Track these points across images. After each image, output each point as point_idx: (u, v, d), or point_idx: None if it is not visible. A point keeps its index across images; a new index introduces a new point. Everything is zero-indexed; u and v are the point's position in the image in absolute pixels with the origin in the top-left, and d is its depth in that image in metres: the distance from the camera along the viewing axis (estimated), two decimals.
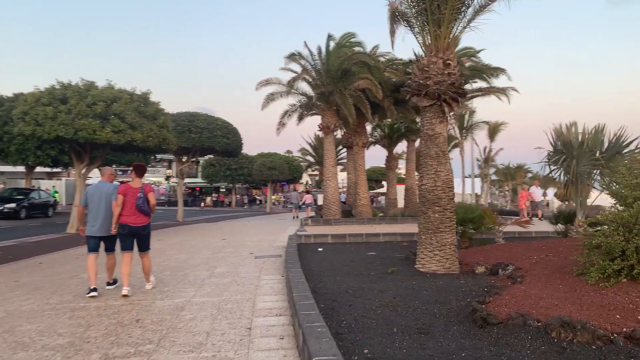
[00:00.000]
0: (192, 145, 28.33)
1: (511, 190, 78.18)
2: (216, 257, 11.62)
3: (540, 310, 5.21)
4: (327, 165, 22.76)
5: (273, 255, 11.77)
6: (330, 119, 22.44)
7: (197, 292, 7.65)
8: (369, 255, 11.04)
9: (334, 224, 21.13)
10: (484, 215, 11.38)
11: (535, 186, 23.07)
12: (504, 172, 75.73)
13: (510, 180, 77.37)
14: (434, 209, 8.18)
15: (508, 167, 75.46)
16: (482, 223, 11.30)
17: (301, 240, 13.45)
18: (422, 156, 8.54)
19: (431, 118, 8.24)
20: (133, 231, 7.47)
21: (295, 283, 6.47)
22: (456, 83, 8.11)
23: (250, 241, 15.34)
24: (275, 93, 22.60)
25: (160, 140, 19.41)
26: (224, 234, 18.10)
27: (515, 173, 77.77)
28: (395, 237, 14.00)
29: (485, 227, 11.28)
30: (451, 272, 8.15)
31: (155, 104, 19.81)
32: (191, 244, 14.64)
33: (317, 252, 11.86)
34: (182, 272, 9.58)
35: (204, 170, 56.77)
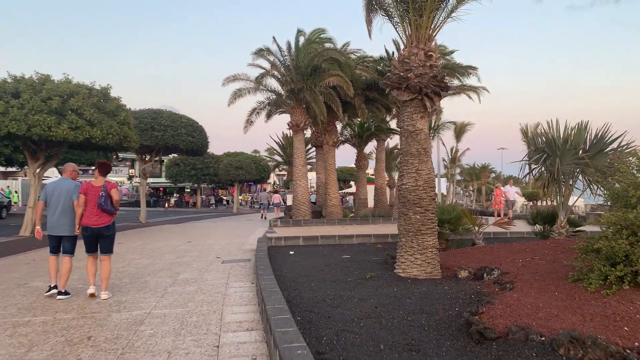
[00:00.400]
0: (155, 143, 27.31)
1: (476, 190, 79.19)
2: (180, 262, 10.88)
3: (541, 322, 4.72)
4: (297, 164, 22.15)
5: (241, 259, 11.10)
6: (300, 116, 21.83)
7: (158, 302, 6.94)
8: (343, 258, 10.48)
9: (304, 225, 20.54)
10: (462, 216, 10.96)
11: (509, 185, 22.91)
12: (469, 172, 76.60)
13: (475, 180, 78.33)
14: (415, 210, 7.66)
15: (473, 167, 76.30)
16: (459, 224, 10.88)
17: (271, 243, 12.81)
18: (402, 154, 8.03)
19: (412, 113, 7.73)
20: (95, 233, 7.07)
21: (268, 293, 5.84)
22: (438, 76, 7.62)
23: (216, 244, 14.60)
24: (242, 89, 21.86)
25: (121, 137, 18.44)
26: (189, 237, 17.29)
27: (480, 173, 78.80)
28: (369, 239, 13.49)
29: (462, 228, 10.86)
30: (433, 277, 7.65)
31: (115, 99, 18.83)
32: (154, 248, 13.83)
33: (288, 255, 11.24)
34: (143, 279, 8.83)
35: (168, 170, 55.30)
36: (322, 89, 20.76)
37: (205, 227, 22.60)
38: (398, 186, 8.01)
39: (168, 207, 54.58)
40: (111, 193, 7.11)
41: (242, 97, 21.94)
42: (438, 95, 7.67)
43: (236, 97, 21.91)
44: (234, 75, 21.90)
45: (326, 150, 24.03)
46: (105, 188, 7.06)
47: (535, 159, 9.60)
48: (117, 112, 18.64)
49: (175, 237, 17.21)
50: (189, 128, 28.76)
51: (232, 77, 21.89)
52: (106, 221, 7.08)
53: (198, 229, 21.74)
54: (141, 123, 26.93)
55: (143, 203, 29.18)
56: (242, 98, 21.93)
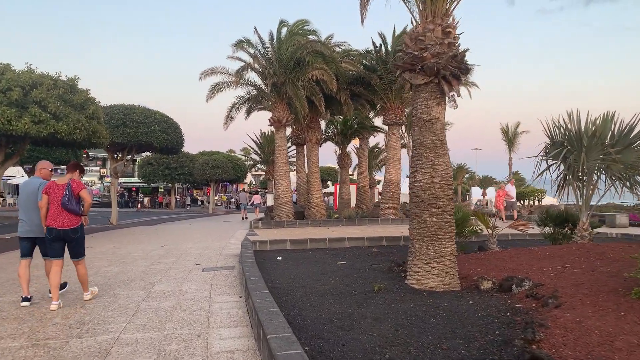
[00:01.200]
0: (127, 141, 25.88)
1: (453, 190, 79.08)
2: (155, 270, 9.64)
3: (623, 356, 3.69)
4: (279, 162, 20.97)
5: (224, 267, 9.91)
6: (282, 112, 20.66)
7: (129, 323, 5.75)
8: (339, 265, 9.38)
9: (287, 226, 19.39)
10: (468, 218, 9.97)
11: (511, 184, 21.92)
12: None
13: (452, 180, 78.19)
14: (430, 211, 6.60)
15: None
16: (465, 226, 9.88)
17: (256, 248, 11.63)
18: (415, 146, 6.96)
19: (427, 99, 6.67)
20: (61, 235, 6.47)
21: (266, 315, 4.71)
22: (458, 56, 6.57)
23: (195, 248, 13.37)
24: (221, 83, 20.57)
25: (89, 133, 17.06)
26: (164, 240, 15.99)
27: (457, 173, 78.69)
28: (362, 242, 12.41)
29: (470, 231, 9.85)
30: (451, 288, 6.60)
31: (84, 91, 17.43)
32: (125, 253, 12.53)
33: (276, 262, 10.09)
34: (112, 291, 7.60)
35: (140, 170, 53.47)
36: (305, 83, 19.65)
37: (181, 230, 21.26)
38: (411, 184, 6.94)
39: (140, 208, 52.74)
40: (81, 194, 6.58)
41: (222, 92, 20.66)
42: (457, 78, 6.63)
43: (215, 92, 20.63)
44: (212, 69, 20.61)
45: (309, 148, 22.91)
46: (70, 186, 6.48)
47: (554, 154, 8.65)
48: (85, 105, 17.27)
49: (148, 241, 15.90)
50: (164, 125, 27.41)
51: (210, 70, 20.60)
52: (73, 223, 6.52)
53: (173, 231, 20.40)
54: (112, 119, 25.51)
55: (114, 204, 27.69)
56: (221, 92, 20.67)
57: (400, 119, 21.02)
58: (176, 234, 18.73)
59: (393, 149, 21.42)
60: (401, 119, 21.07)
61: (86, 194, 6.67)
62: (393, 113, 20.87)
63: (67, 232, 6.49)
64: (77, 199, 6.55)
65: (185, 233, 19.00)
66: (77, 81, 17.25)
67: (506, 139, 45.10)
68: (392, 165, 21.35)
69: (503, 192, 21.94)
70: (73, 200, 6.46)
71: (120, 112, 26.21)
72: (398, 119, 20.94)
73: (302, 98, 19.22)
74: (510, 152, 45.11)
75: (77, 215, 6.56)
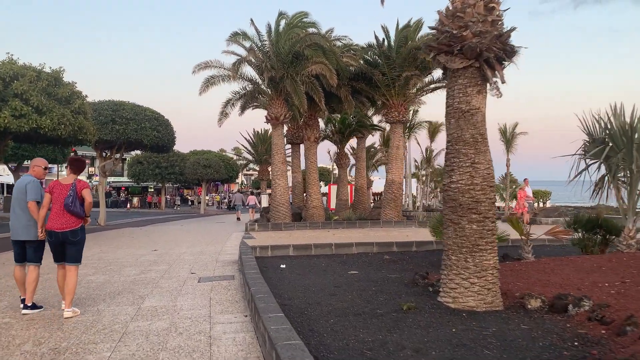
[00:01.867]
0: (116, 138, 24.73)
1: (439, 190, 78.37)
2: (145, 280, 8.62)
3: None
4: (276, 161, 19.97)
5: (222, 276, 8.90)
6: (280, 109, 19.66)
7: (115, 351, 4.75)
8: (352, 275, 8.40)
9: (284, 229, 18.41)
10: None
11: (527, 185, 20.60)
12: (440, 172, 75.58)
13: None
14: (470, 217, 5.64)
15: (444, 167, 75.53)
16: None
17: (256, 253, 10.63)
18: (451, 142, 6.00)
19: (465, 86, 5.70)
20: (60, 238, 6.11)
21: (287, 350, 3.72)
22: (503, 36, 5.62)
23: (188, 253, 12.34)
24: (216, 76, 19.51)
25: (75, 129, 15.97)
26: (155, 243, 14.94)
27: None
28: (371, 248, 11.43)
29: (499, 238, 8.89)
30: (494, 308, 5.65)
31: (69, 84, 16.34)
32: (112, 258, 11.49)
33: (280, 270, 9.10)
34: (95, 307, 6.58)
35: (130, 169, 52.15)
36: (304, 78, 18.69)
37: (172, 232, 20.19)
38: (445, 185, 5.98)
39: (130, 208, 51.47)
40: (83, 194, 6.20)
41: (215, 85, 19.61)
42: (501, 61, 5.68)
43: (209, 85, 19.58)
44: (206, 62, 19.58)
45: (307, 146, 21.92)
46: (75, 187, 6.14)
47: (595, 153, 7.72)
48: (71, 99, 16.19)
49: (138, 244, 14.84)
50: (154, 122, 26.28)
51: (204, 64, 19.57)
52: (73, 225, 6.13)
53: (164, 233, 19.33)
54: (100, 115, 24.35)
55: (102, 204, 26.54)
56: (215, 87, 19.62)
57: (403, 117, 20.11)
58: (168, 236, 17.68)
59: (396, 148, 20.49)
60: (404, 116, 20.17)
61: (88, 193, 6.27)
62: (396, 110, 19.94)
63: (66, 234, 6.09)
64: (80, 200, 6.19)
65: (177, 235, 17.95)
66: (62, 73, 16.15)
67: (504, 139, 44.32)
68: (394, 165, 20.42)
69: (524, 192, 20.36)
70: (77, 202, 6.11)
71: (109, 108, 25.04)
72: (401, 116, 20.02)
73: (301, 94, 18.25)
74: (508, 152, 44.35)
75: (79, 218, 6.18)
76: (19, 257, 6.38)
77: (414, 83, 19.97)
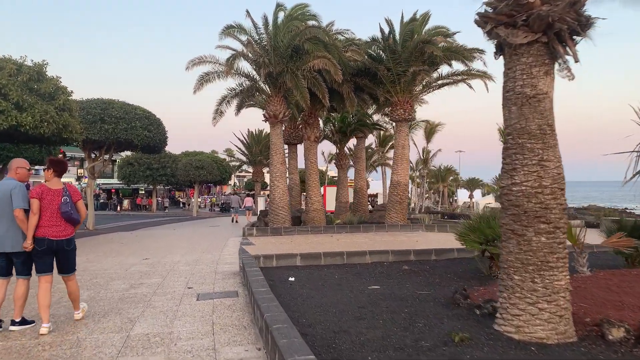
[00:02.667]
0: (105, 138, 23.49)
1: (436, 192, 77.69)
2: (135, 297, 7.50)
3: None
4: (275, 162, 18.85)
5: (225, 292, 7.79)
6: (279, 106, 18.55)
7: None
8: (374, 292, 7.32)
9: (284, 233, 17.31)
10: None
11: None
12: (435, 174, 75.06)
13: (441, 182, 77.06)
14: (538, 228, 4.56)
15: (439, 169, 75.08)
16: None
17: (260, 264, 9.52)
18: (512, 134, 4.92)
19: (530, 66, 4.63)
20: (54, 247, 5.74)
21: None
22: (578, 3, 4.57)
23: (183, 262, 11.22)
24: (210, 73, 18.40)
25: (60, 127, 14.75)
26: (146, 251, 13.79)
27: (445, 175, 77.62)
28: (386, 257, 10.34)
29: None
30: (567, 339, 4.58)
31: (53, 79, 15.13)
32: (99, 269, 10.34)
33: (289, 284, 8.01)
34: (74, 335, 5.49)
35: (120, 170, 50.77)
36: (306, 73, 17.62)
37: (165, 236, 19.02)
38: (504, 188, 4.91)
39: (120, 211, 50.12)
40: (79, 205, 5.95)
41: (211, 83, 18.51)
42: (575, 35, 4.63)
43: (203, 82, 18.45)
44: (200, 58, 18.47)
45: (307, 146, 20.83)
46: (68, 192, 5.87)
47: None
48: (55, 95, 15.00)
49: (128, 251, 13.69)
50: (145, 121, 25.03)
51: (198, 59, 18.46)
52: (69, 233, 5.86)
53: (156, 238, 18.16)
54: (89, 114, 23.13)
55: (91, 206, 25.30)
56: (210, 84, 18.51)
57: (409, 115, 19.06)
58: (160, 242, 16.52)
59: (401, 147, 19.44)
60: (410, 114, 19.11)
61: (83, 205, 6.04)
62: (401, 108, 18.91)
63: (61, 243, 5.76)
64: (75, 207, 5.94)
65: (170, 241, 16.79)
66: (45, 67, 14.95)
67: (504, 139, 43.39)
68: (400, 166, 19.37)
69: None
70: (74, 207, 5.86)
71: (98, 106, 23.81)
72: (407, 114, 18.98)
73: (303, 89, 17.16)
74: None
75: (75, 224, 5.93)
76: (5, 271, 5.74)
77: (421, 79, 18.95)
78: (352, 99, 18.79)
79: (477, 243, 7.91)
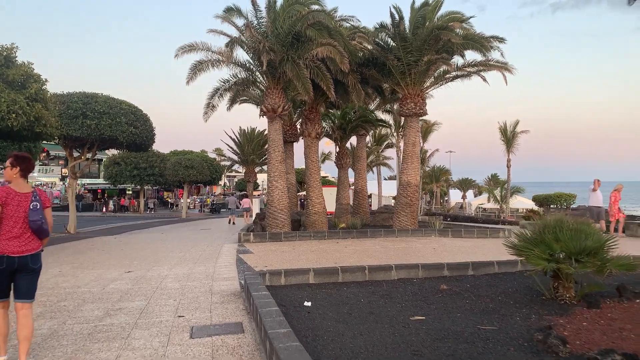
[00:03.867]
0: (87, 134, 21.72)
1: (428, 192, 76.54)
2: (110, 330, 5.80)
3: None
4: (273, 160, 17.13)
5: (225, 325, 6.07)
6: (278, 99, 16.84)
7: None
8: (420, 325, 5.65)
9: (284, 239, 15.63)
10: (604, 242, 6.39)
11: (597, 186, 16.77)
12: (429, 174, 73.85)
13: (435, 182, 75.96)
14: None
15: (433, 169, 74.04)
16: (605, 257, 6.28)
17: (266, 281, 7.81)
18: None
19: None
20: (16, 265, 4.51)
21: None
22: None
23: (172, 277, 9.50)
24: (204, 61, 16.63)
25: (31, 119, 12.95)
26: (130, 260, 12.05)
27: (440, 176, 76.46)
28: (415, 272, 8.65)
29: (618, 266, 6.22)
30: None
31: (24, 66, 13.35)
32: (70, 286, 8.61)
33: (305, 312, 6.33)
34: None
35: (107, 170, 48.79)
36: (309, 62, 15.95)
37: (152, 242, 17.23)
38: None
39: (105, 212, 48.14)
40: (47, 213, 4.78)
41: (205, 72, 16.72)
42: None
43: (197, 71, 16.66)
44: (191, 45, 16.71)
45: (307, 143, 19.13)
46: (37, 196, 4.70)
47: None
48: (26, 83, 13.21)
49: (109, 261, 11.94)
50: (131, 116, 23.26)
51: (188, 46, 16.69)
52: (36, 247, 4.67)
53: (142, 245, 16.37)
54: (69, 109, 21.38)
55: (72, 208, 23.52)
56: (204, 73, 16.72)
57: (420, 109, 17.40)
58: (146, 249, 14.74)
59: (412, 145, 17.79)
60: (422, 108, 17.45)
61: (50, 213, 4.89)
62: (412, 101, 17.27)
63: (25, 260, 4.57)
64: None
65: (158, 248, 15.02)
66: (14, 51, 13.15)
67: (504, 138, 42.01)
68: (410, 165, 17.72)
69: (618, 195, 16.62)
70: (44, 215, 4.72)
71: (79, 100, 22.00)
72: (418, 108, 17.33)
73: (305, 79, 15.47)
74: (509, 152, 42.03)
75: (43, 238, 4.77)
76: None
77: (436, 69, 17.32)
78: (358, 90, 17.10)
79: (543, 260, 6.28)
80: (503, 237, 16.71)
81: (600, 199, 16.70)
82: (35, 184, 59.51)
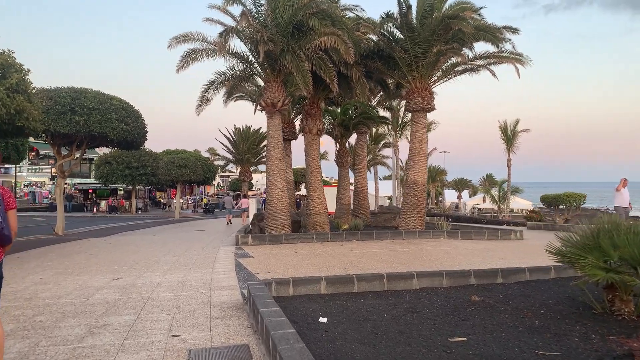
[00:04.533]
0: (75, 131, 20.65)
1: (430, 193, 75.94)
2: (92, 355, 4.84)
3: None
4: (272, 158, 16.18)
5: (229, 348, 5.10)
6: (277, 93, 15.89)
7: None
8: (463, 348, 4.73)
9: (285, 241, 14.67)
10: None
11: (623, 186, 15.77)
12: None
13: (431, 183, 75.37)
14: None
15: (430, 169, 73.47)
16: None
17: (273, 292, 6.87)
18: None
19: None
20: None
21: None
22: None
23: (165, 285, 8.53)
24: (197, 50, 15.68)
25: (11, 112, 11.92)
26: (118, 266, 11.05)
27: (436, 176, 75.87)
28: (439, 281, 7.72)
29: None
30: None
31: (4, 54, 12.32)
32: (50, 297, 7.62)
33: (321, 330, 5.39)
34: None
35: (98, 169, 47.56)
36: (310, 53, 15.01)
37: (143, 245, 16.20)
38: None
39: (96, 212, 46.94)
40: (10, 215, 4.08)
41: (197, 61, 15.77)
42: None
43: (189, 60, 15.69)
44: (185, 35, 15.77)
45: (308, 140, 18.18)
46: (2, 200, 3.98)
47: None
48: (6, 73, 12.17)
49: (96, 266, 10.94)
50: (122, 112, 22.20)
51: (183, 36, 15.75)
52: None
53: (133, 247, 15.35)
54: (57, 104, 20.32)
55: (60, 208, 22.48)
56: (196, 62, 15.76)
57: (428, 104, 16.50)
58: (137, 253, 13.73)
59: (419, 141, 16.88)
60: (430, 103, 16.55)
61: (16, 217, 4.19)
62: (420, 96, 16.37)
63: None
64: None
65: (149, 251, 14.02)
66: None
67: (505, 137, 41.22)
68: (417, 163, 16.82)
69: None
70: (7, 219, 4.00)
71: (68, 95, 20.92)
72: (426, 103, 16.43)
73: (306, 72, 14.52)
74: (509, 152, 41.25)
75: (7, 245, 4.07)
76: None
77: (445, 61, 16.41)
78: (362, 83, 16.17)
79: (599, 269, 5.38)
80: (515, 239, 15.93)
81: (626, 198, 15.75)
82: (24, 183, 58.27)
